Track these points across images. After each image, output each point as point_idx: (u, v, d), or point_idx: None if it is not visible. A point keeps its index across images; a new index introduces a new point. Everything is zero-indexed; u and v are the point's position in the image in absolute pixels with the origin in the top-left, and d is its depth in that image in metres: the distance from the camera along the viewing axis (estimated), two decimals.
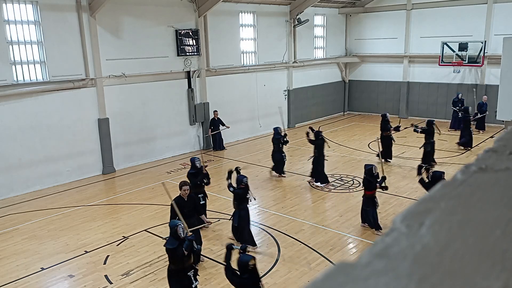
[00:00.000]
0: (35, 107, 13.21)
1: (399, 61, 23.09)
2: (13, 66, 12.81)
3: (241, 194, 9.37)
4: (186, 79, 17.15)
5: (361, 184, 10.89)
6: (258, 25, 19.65)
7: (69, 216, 11.35)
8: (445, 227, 0.70)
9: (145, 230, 10.44)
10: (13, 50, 12.75)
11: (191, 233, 7.27)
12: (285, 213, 11.19)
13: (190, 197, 8.67)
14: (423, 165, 10.23)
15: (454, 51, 20.48)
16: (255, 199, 10.58)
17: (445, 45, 20.65)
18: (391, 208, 11.38)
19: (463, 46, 20.20)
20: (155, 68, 15.98)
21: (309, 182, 13.36)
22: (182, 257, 6.93)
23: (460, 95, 19.99)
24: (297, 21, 20.70)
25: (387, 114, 15.57)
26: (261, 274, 8.31)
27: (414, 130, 14.28)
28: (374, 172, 9.81)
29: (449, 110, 20.77)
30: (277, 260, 8.86)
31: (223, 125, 17.39)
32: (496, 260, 0.61)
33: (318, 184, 13.14)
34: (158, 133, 16.46)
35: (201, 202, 9.85)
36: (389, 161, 15.09)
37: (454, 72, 21.29)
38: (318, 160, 13.08)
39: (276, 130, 14.08)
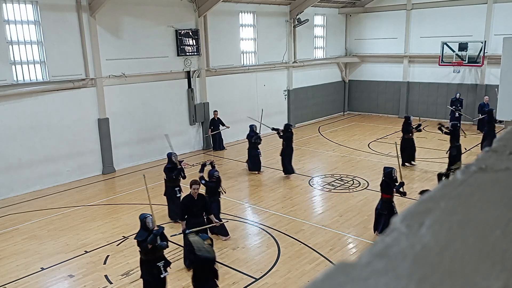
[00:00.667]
0: (35, 107, 13.21)
1: (399, 61, 23.09)
2: (13, 66, 12.81)
3: (212, 187, 9.92)
4: (186, 79, 17.15)
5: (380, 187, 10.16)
6: (258, 25, 19.65)
7: (69, 216, 11.35)
8: (445, 227, 0.70)
9: None
10: (13, 50, 12.75)
11: (157, 227, 7.47)
12: (285, 213, 11.19)
13: (200, 196, 8.59)
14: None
15: (454, 51, 20.49)
16: (225, 192, 10.82)
17: (445, 45, 20.65)
18: None
19: (463, 46, 20.21)
20: (155, 68, 15.98)
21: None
22: (150, 249, 7.24)
23: (458, 95, 19.98)
24: (297, 21, 20.70)
25: (411, 117, 15.01)
26: (260, 274, 8.32)
27: (439, 129, 13.82)
28: (393, 175, 9.59)
29: (449, 110, 20.77)
30: (277, 260, 8.86)
31: (223, 125, 17.39)
32: (496, 260, 0.61)
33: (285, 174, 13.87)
34: (158, 133, 16.44)
35: (177, 195, 10.51)
36: (414, 164, 14.75)
37: (454, 72, 21.29)
38: (286, 152, 13.82)
39: (251, 128, 14.58)
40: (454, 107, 19.61)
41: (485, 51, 19.88)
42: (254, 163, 14.50)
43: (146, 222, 7.33)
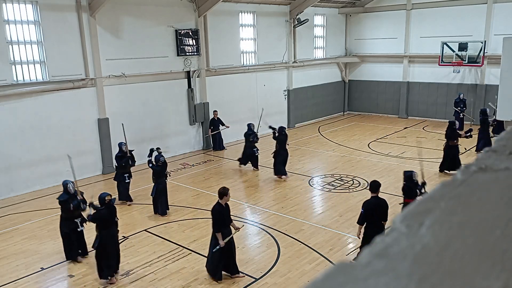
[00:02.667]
0: (35, 107, 13.21)
1: (399, 61, 23.09)
2: (13, 66, 12.81)
3: (158, 170, 11.09)
4: (186, 79, 17.15)
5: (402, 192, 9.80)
6: (258, 25, 19.65)
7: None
8: (445, 227, 0.70)
9: (145, 230, 10.45)
10: (13, 50, 12.75)
11: (81, 193, 9.21)
12: (285, 213, 11.19)
13: (227, 205, 8.40)
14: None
15: (454, 51, 20.49)
16: (170, 175, 12.46)
17: (445, 45, 20.65)
18: (391, 208, 11.34)
19: (463, 46, 20.21)
20: (155, 68, 15.98)
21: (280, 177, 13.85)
22: (71, 209, 8.92)
23: (461, 95, 19.97)
24: (297, 21, 20.70)
25: (456, 122, 14.17)
26: (260, 274, 8.32)
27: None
28: (414, 178, 9.32)
29: (449, 111, 20.79)
30: (277, 260, 8.86)
31: (223, 125, 17.39)
32: (496, 260, 0.61)
33: (278, 176, 13.83)
34: (158, 133, 16.45)
35: (126, 181, 12.08)
36: (448, 172, 13.95)
37: (454, 72, 21.29)
38: (278, 154, 13.84)
39: (249, 127, 14.82)
40: (459, 108, 19.61)
41: (485, 51, 19.88)
42: (247, 159, 14.81)
43: (67, 187, 9.04)
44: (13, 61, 12.80)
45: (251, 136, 14.64)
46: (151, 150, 11.72)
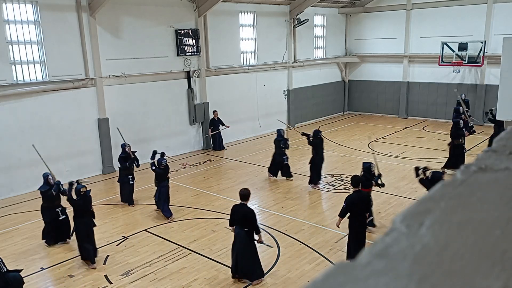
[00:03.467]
0: (35, 107, 13.21)
1: (399, 61, 23.09)
2: (13, 66, 12.81)
3: (161, 173, 10.99)
4: (186, 79, 17.15)
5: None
6: (258, 25, 19.65)
7: (69, 216, 11.32)
8: (445, 227, 0.70)
9: (145, 230, 10.45)
10: (13, 50, 12.75)
11: (58, 180, 9.86)
12: (285, 213, 11.19)
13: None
14: (419, 166, 10.14)
15: (454, 51, 20.49)
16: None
17: (445, 45, 20.65)
18: (391, 208, 11.39)
19: (463, 46, 20.21)
20: (155, 68, 15.98)
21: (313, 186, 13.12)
22: (52, 197, 9.62)
23: (463, 96, 19.87)
24: (297, 21, 20.70)
25: (461, 121, 14.22)
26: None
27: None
28: (371, 170, 10.08)
29: (449, 110, 20.78)
30: (277, 260, 8.86)
31: (223, 125, 17.39)
32: (496, 260, 0.61)
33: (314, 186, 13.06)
34: (158, 133, 16.45)
35: (130, 183, 11.89)
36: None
37: (454, 72, 21.29)
38: (314, 161, 12.96)
39: (279, 132, 13.73)
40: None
41: (485, 51, 19.88)
42: (277, 168, 13.71)
43: (48, 179, 9.77)
44: (13, 61, 12.80)
45: (281, 142, 13.52)
46: (154, 152, 11.68)
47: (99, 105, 14.61)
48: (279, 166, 13.68)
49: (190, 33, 16.63)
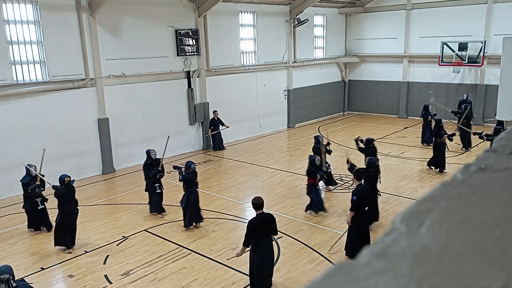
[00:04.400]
0: (35, 107, 13.21)
1: (399, 61, 23.09)
2: (13, 66, 12.81)
3: (189, 178, 10.29)
4: (186, 79, 17.15)
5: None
6: (258, 25, 19.65)
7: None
8: (444, 227, 0.70)
9: (145, 230, 10.45)
10: (13, 50, 12.75)
11: (42, 176, 10.16)
12: (285, 213, 11.19)
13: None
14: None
15: (454, 51, 20.48)
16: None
17: (445, 45, 20.65)
18: (391, 208, 11.38)
19: (463, 46, 20.20)
20: (155, 68, 15.98)
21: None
22: (28, 191, 9.96)
23: (465, 96, 19.74)
24: (297, 21, 20.69)
25: (443, 120, 14.51)
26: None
27: (480, 137, 13.34)
28: (316, 162, 10.96)
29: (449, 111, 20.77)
30: (277, 260, 8.85)
31: (223, 125, 17.39)
32: (496, 260, 0.61)
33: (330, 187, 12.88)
34: (158, 133, 16.44)
35: (157, 191, 11.12)
36: (444, 172, 13.89)
37: (454, 72, 21.30)
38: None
39: (317, 139, 12.83)
40: (459, 109, 19.54)
41: (485, 51, 19.88)
42: (328, 179, 12.83)
43: (30, 171, 10.13)
44: (13, 61, 12.80)
45: (321, 147, 12.54)
46: (175, 168, 11.03)
47: (99, 105, 14.60)
48: (327, 175, 12.68)
49: (190, 33, 16.63)
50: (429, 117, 17.29)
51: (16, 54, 12.81)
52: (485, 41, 19.87)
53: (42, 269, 8.79)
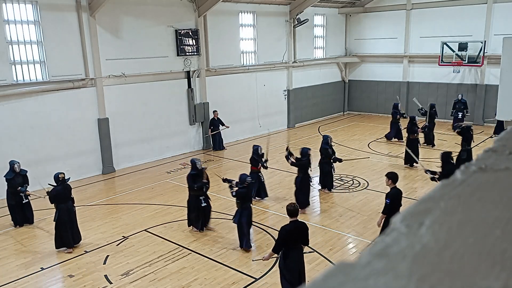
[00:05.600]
0: (35, 107, 13.21)
1: (399, 61, 23.09)
2: (13, 66, 12.81)
3: (244, 192, 9.21)
4: (186, 79, 17.15)
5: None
6: (258, 25, 19.65)
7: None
8: (444, 227, 0.70)
9: (145, 230, 10.45)
10: (13, 50, 12.75)
11: (26, 170, 10.66)
12: (285, 213, 11.15)
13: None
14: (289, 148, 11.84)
15: (454, 51, 20.48)
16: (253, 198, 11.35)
17: (445, 45, 20.65)
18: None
19: (463, 46, 20.20)
20: (155, 68, 15.98)
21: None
22: (15, 184, 10.37)
23: (460, 96, 19.90)
24: (297, 21, 20.69)
25: (416, 117, 15.06)
26: (260, 274, 8.31)
27: (453, 129, 14.23)
28: (259, 152, 11.88)
29: (449, 110, 20.78)
30: (277, 260, 8.84)
31: (223, 125, 17.39)
32: (496, 260, 0.61)
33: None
34: (158, 133, 16.45)
35: (202, 205, 10.01)
36: (416, 165, 14.08)
37: (454, 72, 21.29)
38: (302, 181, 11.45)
39: (326, 140, 12.57)
40: (454, 109, 19.66)
41: (485, 51, 19.87)
42: (325, 179, 12.70)
43: (14, 168, 10.37)
44: (13, 61, 12.80)
45: (329, 149, 12.52)
46: (226, 181, 9.93)
47: (99, 105, 14.60)
48: (326, 176, 12.63)
49: (190, 33, 16.63)
50: (398, 115, 18.07)
51: (16, 54, 12.81)
52: (485, 41, 19.86)
53: (42, 269, 8.79)
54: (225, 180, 9.95)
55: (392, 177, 8.81)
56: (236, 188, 9.29)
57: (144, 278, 8.29)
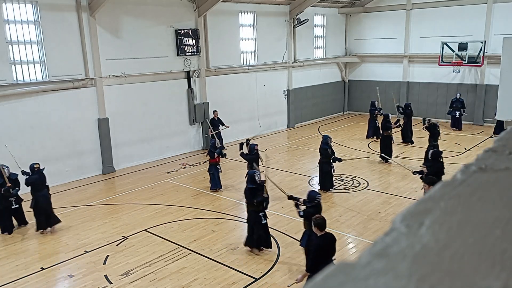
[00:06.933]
0: (35, 107, 13.21)
1: (398, 61, 23.09)
2: (13, 66, 12.81)
3: (313, 213, 7.86)
4: (186, 79, 17.15)
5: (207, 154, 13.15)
6: (258, 25, 19.65)
7: (69, 216, 11.34)
8: (444, 227, 0.70)
9: (144, 230, 10.45)
10: (13, 50, 12.75)
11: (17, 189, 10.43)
12: (285, 213, 11.19)
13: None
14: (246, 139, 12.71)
15: (454, 51, 20.49)
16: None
17: (445, 45, 20.65)
18: (391, 208, 11.39)
19: (463, 46, 20.20)
20: (155, 68, 15.98)
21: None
22: (4, 191, 10.29)
23: (458, 95, 19.99)
24: (297, 21, 20.69)
25: (390, 115, 15.64)
26: (260, 274, 8.32)
27: (424, 124, 14.99)
28: (216, 145, 12.67)
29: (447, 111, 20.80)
30: (277, 260, 8.86)
31: (223, 125, 17.38)
32: (496, 260, 0.61)
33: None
34: (158, 133, 16.45)
35: (262, 222, 9.04)
36: (389, 161, 14.45)
37: (453, 72, 21.29)
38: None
39: (325, 139, 12.45)
40: (451, 109, 19.81)
41: (485, 51, 19.87)
42: (325, 181, 12.63)
43: (2, 171, 10.26)
44: (13, 61, 12.80)
45: (329, 149, 12.34)
46: (291, 198, 8.83)
47: (99, 105, 14.60)
48: (326, 176, 12.54)
49: (190, 33, 16.63)
50: (375, 112, 18.54)
51: (16, 54, 12.81)
52: (485, 41, 19.86)
53: (42, 269, 8.79)
54: (291, 198, 8.78)
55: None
56: (304, 207, 8.30)
57: (144, 278, 8.29)
